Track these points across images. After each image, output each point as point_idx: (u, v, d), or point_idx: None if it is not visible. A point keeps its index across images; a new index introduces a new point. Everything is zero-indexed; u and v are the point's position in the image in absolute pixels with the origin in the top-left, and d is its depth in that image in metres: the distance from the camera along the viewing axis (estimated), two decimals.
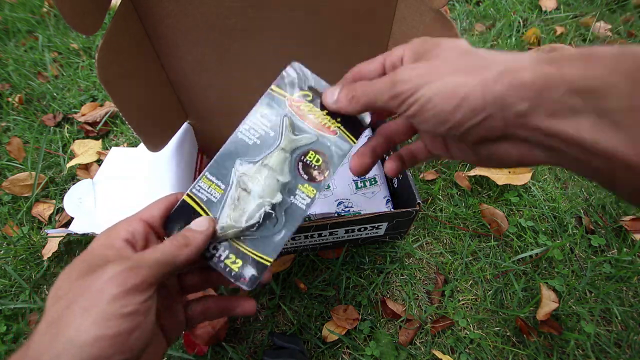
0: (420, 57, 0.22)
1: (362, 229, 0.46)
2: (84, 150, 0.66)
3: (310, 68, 0.29)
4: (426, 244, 0.55)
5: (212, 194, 0.27)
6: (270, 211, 0.27)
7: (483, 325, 0.47)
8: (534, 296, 0.48)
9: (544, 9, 0.96)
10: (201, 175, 0.28)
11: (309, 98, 0.29)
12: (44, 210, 0.58)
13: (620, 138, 0.16)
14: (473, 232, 0.55)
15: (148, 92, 0.41)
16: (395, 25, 0.43)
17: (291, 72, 0.29)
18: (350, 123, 0.29)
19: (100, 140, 0.68)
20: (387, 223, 0.45)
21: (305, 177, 0.28)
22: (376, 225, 0.45)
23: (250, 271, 0.27)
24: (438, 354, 0.44)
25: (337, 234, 0.46)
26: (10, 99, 0.74)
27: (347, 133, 0.28)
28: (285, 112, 0.28)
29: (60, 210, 0.58)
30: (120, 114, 0.35)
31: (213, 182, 0.28)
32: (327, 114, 0.28)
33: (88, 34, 0.29)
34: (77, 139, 0.68)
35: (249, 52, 0.44)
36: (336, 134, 0.28)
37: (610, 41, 0.87)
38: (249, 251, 0.27)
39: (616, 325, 0.47)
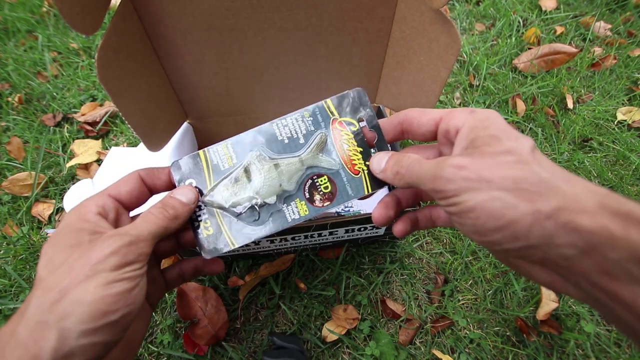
0: (475, 147, 0.20)
1: (362, 229, 0.46)
2: (84, 150, 0.65)
3: (368, 98, 0.29)
4: (426, 243, 0.55)
5: (223, 162, 0.28)
6: (256, 207, 0.28)
7: (483, 325, 0.47)
8: (534, 296, 0.48)
9: (543, 8, 0.96)
10: (223, 142, 0.28)
11: (354, 128, 0.28)
12: (43, 210, 0.58)
13: None
14: None
15: (148, 92, 0.41)
16: (395, 25, 0.43)
17: (353, 95, 0.28)
18: None
19: (100, 140, 0.68)
20: None
21: (307, 196, 0.28)
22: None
23: (214, 243, 0.28)
24: (438, 354, 0.44)
25: (337, 234, 0.46)
26: (9, 99, 0.74)
27: (368, 180, 0.28)
28: (324, 130, 0.28)
29: (60, 210, 0.58)
30: (120, 113, 0.35)
31: (229, 152, 0.28)
32: (361, 152, 0.28)
33: (88, 34, 0.29)
34: (77, 138, 0.68)
35: (249, 52, 0.44)
36: (358, 174, 0.28)
37: (610, 41, 0.87)
38: (223, 226, 0.28)
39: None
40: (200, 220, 0.28)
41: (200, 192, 0.28)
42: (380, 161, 0.26)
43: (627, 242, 0.15)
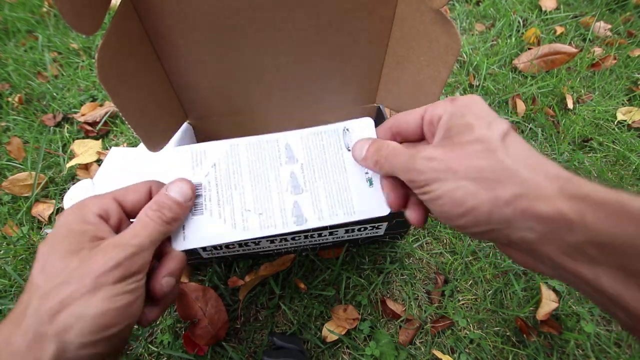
0: (448, 137, 0.21)
1: (362, 229, 0.46)
2: (84, 150, 0.65)
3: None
4: (426, 243, 0.54)
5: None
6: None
7: (483, 325, 0.47)
8: (534, 296, 0.48)
9: (543, 9, 0.96)
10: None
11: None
12: (43, 210, 0.58)
13: None
14: None
15: (148, 92, 0.41)
16: (395, 25, 0.43)
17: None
18: None
19: (100, 140, 0.68)
20: (387, 223, 0.45)
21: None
22: (376, 225, 0.45)
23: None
24: (438, 354, 0.44)
25: (337, 234, 0.46)
26: (10, 99, 0.74)
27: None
28: None
29: (60, 210, 0.58)
30: (120, 114, 0.35)
31: None
32: None
33: (88, 34, 0.29)
34: (77, 138, 0.68)
35: (249, 52, 0.44)
36: None
37: (610, 41, 0.87)
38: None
39: (616, 325, 0.47)
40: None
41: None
42: (362, 148, 0.27)
43: (583, 226, 0.16)
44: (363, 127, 0.30)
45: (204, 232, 0.27)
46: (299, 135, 0.30)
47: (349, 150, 0.30)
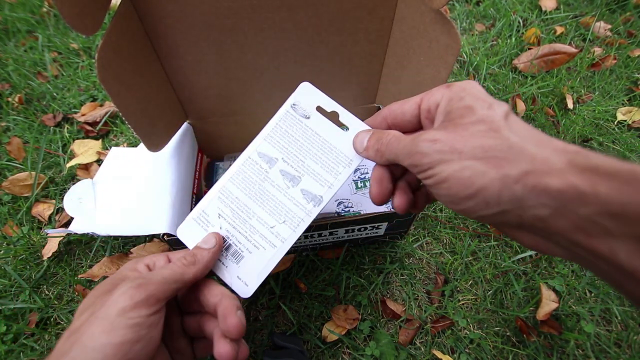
0: (449, 120, 0.21)
1: (362, 229, 0.46)
2: (84, 150, 0.65)
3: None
4: (426, 243, 0.55)
5: None
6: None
7: (483, 325, 0.47)
8: (534, 296, 0.48)
9: (543, 9, 0.96)
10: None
11: None
12: (43, 210, 0.58)
13: None
14: (473, 232, 0.55)
15: (148, 92, 0.41)
16: (395, 25, 0.43)
17: None
18: None
19: (100, 140, 0.68)
20: (387, 223, 0.45)
21: None
22: (376, 225, 0.45)
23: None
24: (438, 354, 0.44)
25: (337, 234, 0.46)
26: (10, 99, 0.74)
27: None
28: None
29: (60, 210, 0.58)
30: (120, 114, 0.35)
31: None
32: None
33: (88, 34, 0.29)
34: (77, 139, 0.68)
35: (249, 52, 0.44)
36: None
37: (610, 41, 0.87)
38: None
39: (616, 325, 0.47)
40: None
41: None
42: (363, 140, 0.27)
43: (596, 197, 0.15)
44: (305, 94, 0.31)
45: (255, 268, 0.29)
46: (262, 137, 0.31)
47: (308, 117, 0.30)
